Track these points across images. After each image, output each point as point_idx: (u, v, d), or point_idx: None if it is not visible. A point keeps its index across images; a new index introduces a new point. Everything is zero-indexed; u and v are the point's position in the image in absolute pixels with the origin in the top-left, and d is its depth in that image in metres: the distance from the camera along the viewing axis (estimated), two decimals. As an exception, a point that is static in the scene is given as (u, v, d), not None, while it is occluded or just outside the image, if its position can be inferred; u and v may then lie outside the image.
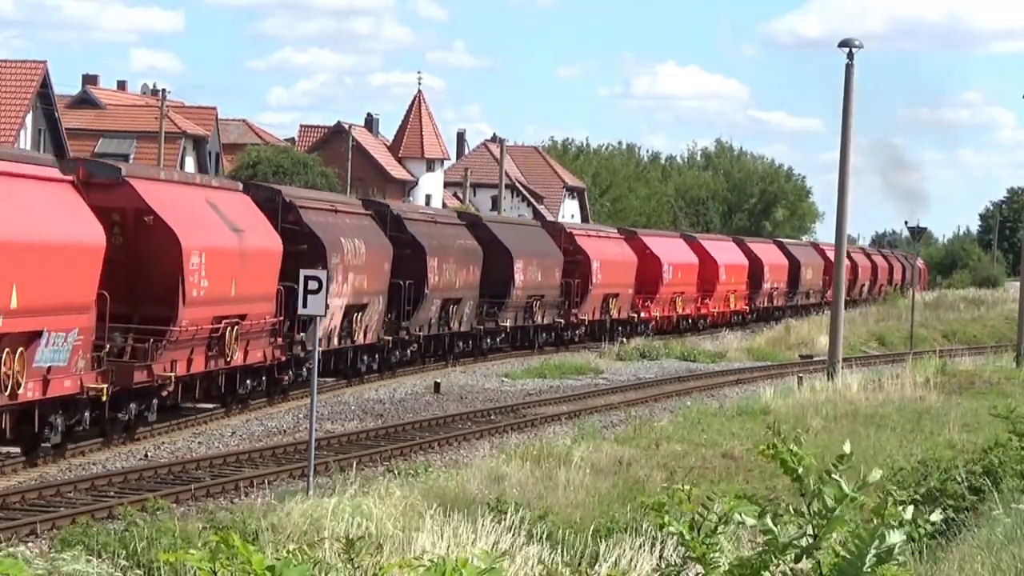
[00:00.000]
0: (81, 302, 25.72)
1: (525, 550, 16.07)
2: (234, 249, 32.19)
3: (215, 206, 32.65)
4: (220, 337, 31.85)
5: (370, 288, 41.34)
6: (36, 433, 25.62)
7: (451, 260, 47.92)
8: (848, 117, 44.26)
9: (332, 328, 38.44)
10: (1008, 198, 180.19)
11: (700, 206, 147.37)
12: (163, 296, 29.31)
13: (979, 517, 15.77)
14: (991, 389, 39.69)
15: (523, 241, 55.42)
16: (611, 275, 62.07)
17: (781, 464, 6.70)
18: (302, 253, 35.53)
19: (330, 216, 39.71)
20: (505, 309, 53.28)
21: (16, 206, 24.03)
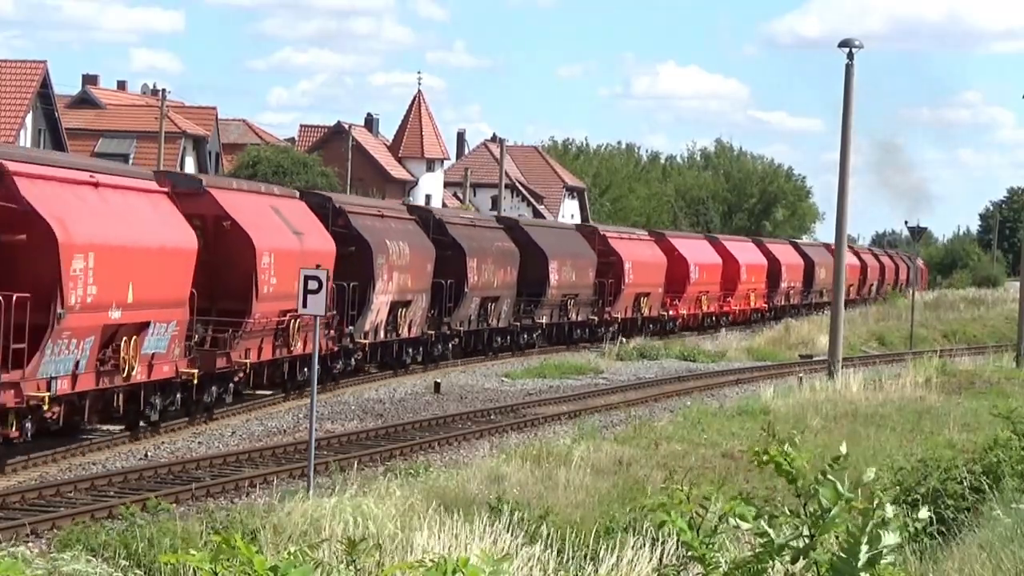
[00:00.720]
0: (179, 298, 29.87)
1: (525, 550, 16.07)
2: (296, 250, 35.69)
3: (278, 211, 36.55)
4: (285, 329, 35.58)
5: (414, 286, 44.71)
6: (140, 412, 29.77)
7: (489, 261, 51.14)
8: (848, 117, 44.27)
9: (379, 322, 42.38)
10: (1008, 198, 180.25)
11: (700, 206, 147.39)
12: (239, 292, 33.10)
13: (979, 517, 15.76)
14: (991, 389, 39.70)
15: (558, 243, 58.76)
16: (642, 275, 65.24)
17: (776, 467, 6.71)
18: (351, 254, 39.58)
19: (376, 220, 43.39)
20: (541, 307, 56.32)
21: (130, 215, 28.33)
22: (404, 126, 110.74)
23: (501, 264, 52.52)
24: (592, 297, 61.18)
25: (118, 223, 27.61)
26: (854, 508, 6.43)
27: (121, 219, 27.82)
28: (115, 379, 27.57)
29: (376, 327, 42.23)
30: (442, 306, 47.78)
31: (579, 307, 59.90)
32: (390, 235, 43.31)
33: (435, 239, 47.40)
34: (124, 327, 27.51)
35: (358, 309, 40.84)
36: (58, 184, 26.47)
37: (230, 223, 33.32)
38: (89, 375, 26.73)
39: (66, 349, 25.62)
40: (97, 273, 26.08)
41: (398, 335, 44.31)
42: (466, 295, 48.98)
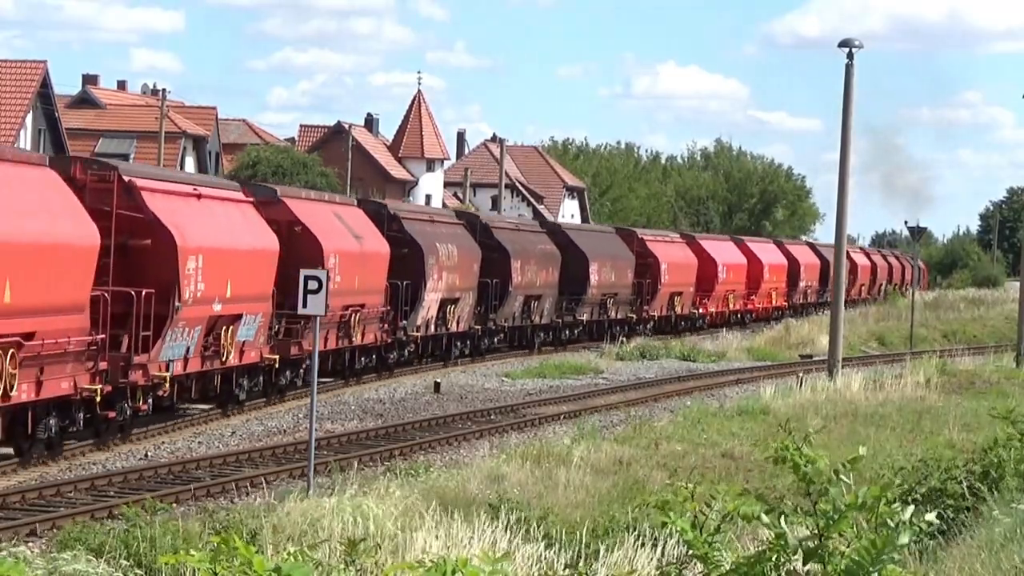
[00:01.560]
0: (265, 293, 34.38)
1: (524, 550, 16.07)
2: (357, 251, 40.16)
3: (340, 217, 40.53)
4: (347, 322, 39.57)
5: (461, 285, 48.90)
6: (231, 392, 34.45)
7: (532, 262, 55.42)
8: (848, 117, 44.26)
9: (429, 318, 46.55)
10: (1008, 198, 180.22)
11: (700, 206, 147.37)
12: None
13: (979, 517, 15.76)
14: (991, 389, 39.71)
15: (598, 245, 62.98)
16: (676, 275, 69.50)
17: (793, 467, 6.70)
18: (404, 255, 43.83)
19: (427, 225, 47.71)
20: (582, 305, 60.24)
21: (227, 222, 33.06)
22: (404, 126, 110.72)
23: (543, 265, 56.63)
24: (631, 296, 65.32)
25: (219, 229, 32.28)
26: (867, 507, 6.43)
27: (221, 225, 32.52)
28: (215, 363, 32.45)
29: (427, 322, 46.52)
30: (488, 303, 51.91)
31: (618, 305, 63.88)
32: (440, 238, 47.37)
33: (482, 242, 51.45)
34: (223, 318, 32.31)
35: (410, 305, 44.87)
36: (173, 196, 30.99)
37: (301, 228, 37.38)
38: (196, 359, 31.54)
39: (180, 336, 30.40)
40: (205, 272, 30.76)
41: (447, 329, 48.44)
42: (510, 294, 53.04)
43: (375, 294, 41.84)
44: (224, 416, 34.17)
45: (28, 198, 25.26)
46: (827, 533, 6.46)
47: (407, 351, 45.62)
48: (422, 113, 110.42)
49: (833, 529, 6.45)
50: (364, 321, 40.58)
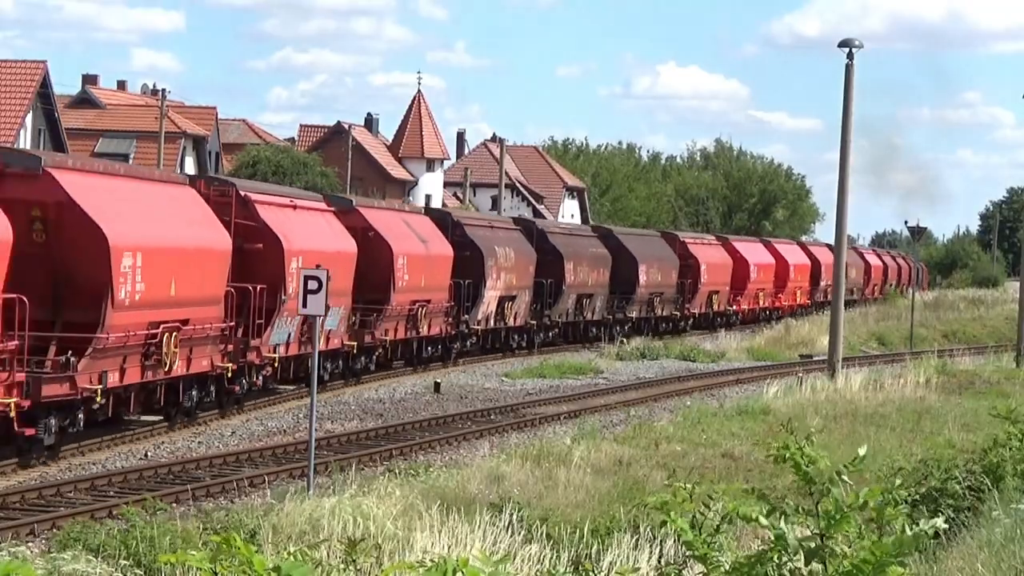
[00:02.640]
0: (347, 288, 39.20)
1: (524, 549, 16.07)
2: (423, 254, 45.44)
3: (409, 224, 46.02)
4: (414, 315, 44.87)
5: (518, 284, 54.33)
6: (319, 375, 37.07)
7: (584, 264, 60.62)
8: (848, 117, 44.24)
9: (489, 313, 52.03)
10: (1008, 198, 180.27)
11: (700, 206, 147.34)
12: (380, 285, 42.62)
13: (979, 517, 15.76)
14: (991, 389, 39.68)
15: (646, 248, 68.55)
16: (714, 275, 75.02)
17: (794, 466, 6.69)
18: (466, 258, 49.25)
19: (487, 230, 53.21)
20: (631, 303, 65.51)
21: (317, 229, 38.67)
22: (404, 126, 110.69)
23: (595, 266, 61.72)
24: (675, 295, 70.70)
25: (312, 235, 37.74)
26: (870, 508, 6.42)
27: (312, 232, 38.01)
28: (308, 348, 35.07)
29: (487, 316, 51.97)
30: (543, 301, 57.23)
31: (664, 304, 69.48)
32: (498, 242, 52.73)
33: (538, 246, 56.84)
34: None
35: (472, 301, 50.27)
36: (277, 208, 36.59)
37: (374, 233, 42.56)
38: (295, 344, 36.72)
39: (285, 325, 35.78)
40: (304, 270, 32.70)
41: (505, 323, 53.95)
42: (564, 292, 58.21)
43: (440, 291, 47.23)
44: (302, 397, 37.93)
45: (180, 212, 31.36)
46: (828, 533, 6.45)
47: (469, 342, 51.03)
48: (422, 113, 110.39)
49: (835, 530, 6.44)
50: (430, 315, 46.28)
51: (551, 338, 58.65)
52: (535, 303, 56.72)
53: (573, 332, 60.91)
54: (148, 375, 29.09)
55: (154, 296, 28.69)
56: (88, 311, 26.98)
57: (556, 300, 58.02)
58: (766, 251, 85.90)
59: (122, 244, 27.49)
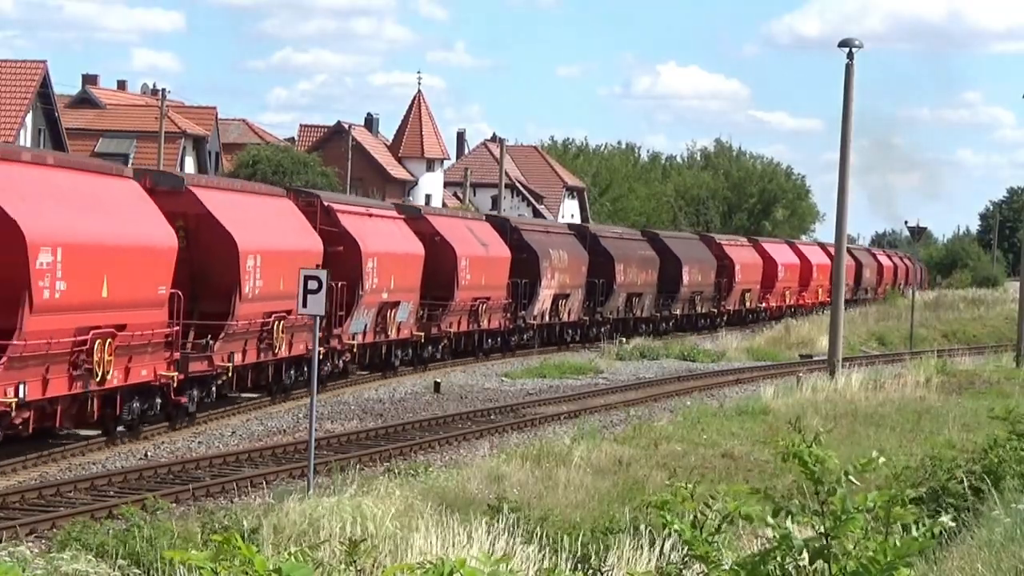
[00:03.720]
0: (415, 286, 45.19)
1: (524, 550, 16.06)
2: (483, 256, 50.97)
3: (471, 229, 51.79)
4: (475, 311, 50.63)
5: (571, 283, 59.61)
6: (390, 361, 45.26)
7: (633, 265, 66.16)
8: (848, 117, 44.23)
9: (544, 309, 57.51)
10: (1008, 198, 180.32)
11: (700, 206, 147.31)
12: (445, 284, 47.98)
13: (979, 517, 15.75)
14: (991, 389, 39.66)
15: (688, 250, 73.94)
16: (747, 275, 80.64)
17: (803, 466, 6.69)
18: (523, 259, 54.75)
19: (543, 235, 59.25)
20: (676, 301, 71.04)
21: (389, 233, 44.24)
22: (404, 126, 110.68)
23: (643, 267, 67.24)
24: (713, 293, 76.02)
25: (385, 239, 43.31)
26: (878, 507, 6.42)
27: (386, 236, 43.65)
28: (381, 336, 43.31)
29: (543, 312, 57.30)
30: (595, 299, 62.30)
31: (703, 301, 74.77)
32: (553, 245, 58.44)
33: (590, 249, 62.20)
34: (388, 304, 43.33)
35: (529, 299, 55.53)
36: (355, 216, 42.13)
37: (440, 238, 47.96)
38: (371, 333, 42.57)
39: (362, 316, 41.34)
40: (378, 270, 42.09)
41: (559, 320, 59.30)
42: (615, 291, 63.59)
43: (498, 289, 52.65)
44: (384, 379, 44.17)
45: (286, 220, 37.69)
46: (834, 534, 6.45)
47: (526, 336, 56.32)
48: (422, 113, 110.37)
49: (842, 530, 6.44)
50: (490, 310, 51.74)
51: (602, 333, 63.15)
52: (588, 301, 61.74)
53: (623, 328, 65.34)
54: (262, 356, 35.37)
55: (270, 290, 34.69)
56: (220, 302, 33.13)
57: (607, 298, 63.18)
58: (791, 252, 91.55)
59: (247, 248, 33.35)
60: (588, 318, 61.81)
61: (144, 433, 30.55)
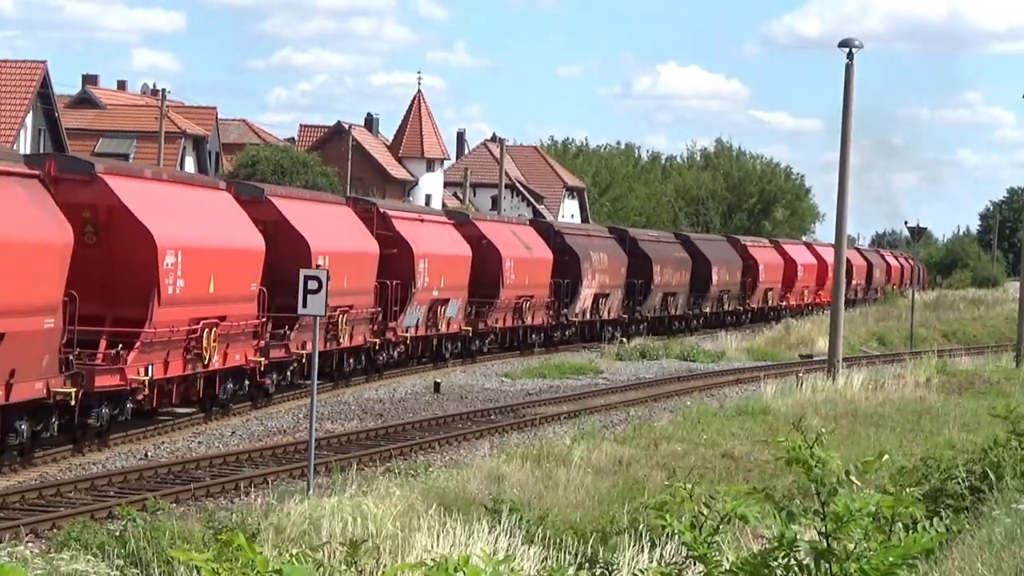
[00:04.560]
0: (463, 284, 49.62)
1: (524, 550, 16.07)
2: (527, 258, 55.76)
3: (515, 233, 56.70)
4: (519, 308, 54.97)
5: (611, 284, 64.07)
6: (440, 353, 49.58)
7: (669, 266, 70.61)
8: (848, 117, 44.21)
9: (585, 308, 61.48)
10: (1008, 198, 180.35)
11: (700, 206, 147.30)
12: (491, 283, 52.40)
13: (979, 517, 15.75)
14: (991, 389, 39.66)
15: (717, 252, 78.50)
16: (769, 274, 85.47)
17: (805, 469, 6.69)
18: (566, 261, 59.03)
19: (584, 238, 63.64)
20: (705, 300, 75.35)
21: (440, 237, 48.58)
22: (404, 126, 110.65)
23: (677, 268, 71.71)
24: (739, 292, 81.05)
25: (436, 242, 47.50)
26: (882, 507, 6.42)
27: (436, 240, 47.83)
28: (433, 331, 47.72)
29: (584, 311, 61.31)
30: (634, 298, 66.71)
31: (730, 300, 79.75)
32: (593, 248, 62.74)
33: (629, 251, 66.67)
34: (438, 301, 47.38)
35: (570, 298, 59.58)
36: (408, 221, 46.48)
37: (486, 241, 52.42)
38: (423, 328, 46.84)
39: (414, 311, 45.61)
40: (429, 270, 46.21)
41: (600, 317, 63.23)
42: (652, 291, 68.24)
43: (541, 288, 57.11)
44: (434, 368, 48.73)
45: (348, 226, 42.18)
46: (835, 535, 6.45)
47: (568, 332, 60.34)
48: (422, 113, 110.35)
49: (843, 531, 6.44)
50: (533, 308, 56.21)
51: (639, 330, 67.49)
52: (627, 300, 66.26)
53: (659, 325, 70.14)
54: (328, 345, 39.04)
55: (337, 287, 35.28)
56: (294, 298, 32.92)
57: (645, 297, 67.86)
58: (809, 253, 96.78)
59: (317, 250, 37.66)
60: (627, 316, 66.27)
61: (234, 410, 34.90)
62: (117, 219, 29.33)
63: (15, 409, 25.12)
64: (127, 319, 29.20)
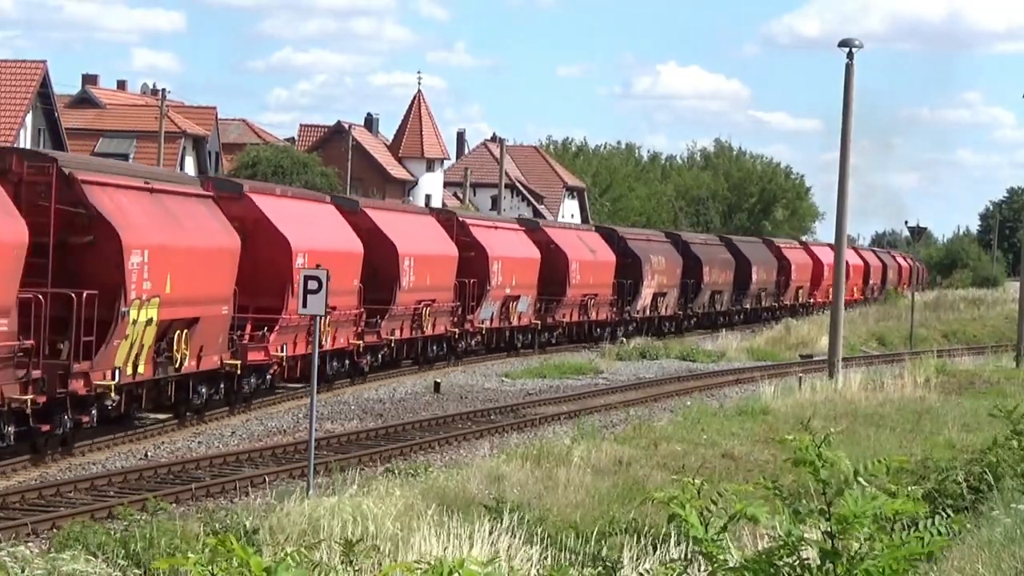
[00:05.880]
0: (532, 283, 56.39)
1: (524, 550, 16.05)
2: (592, 260, 62.42)
3: (581, 239, 63.82)
4: (584, 304, 61.63)
5: (667, 283, 71.35)
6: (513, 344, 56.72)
7: (716, 267, 77.74)
8: (848, 117, 44.19)
9: (646, 305, 68.54)
10: (1008, 198, 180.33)
11: (700, 206, 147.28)
12: (558, 283, 58.96)
13: (979, 517, 15.73)
14: (991, 389, 39.63)
15: (756, 253, 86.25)
16: (800, 274, 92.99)
17: (812, 471, 6.67)
18: (628, 263, 65.95)
19: (644, 242, 70.45)
20: (746, 297, 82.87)
21: (512, 243, 55.72)
22: (404, 126, 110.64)
23: (723, 269, 78.99)
24: (774, 290, 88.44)
25: (508, 246, 54.68)
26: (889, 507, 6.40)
27: (508, 244, 54.91)
28: (506, 323, 54.83)
29: (644, 308, 68.44)
30: (687, 297, 73.76)
31: (767, 297, 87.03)
32: (653, 251, 70.00)
33: (683, 253, 73.55)
34: (511, 297, 54.30)
35: (631, 296, 66.57)
36: (484, 228, 53.91)
37: (555, 246, 59.28)
38: (497, 321, 53.55)
39: (489, 306, 52.46)
40: (502, 270, 52.99)
41: (658, 313, 70.74)
42: (702, 289, 75.37)
43: (605, 287, 63.51)
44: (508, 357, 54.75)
45: (432, 233, 48.74)
46: (840, 536, 6.44)
47: (630, 327, 66.65)
48: (422, 113, 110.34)
49: (848, 532, 6.43)
50: (597, 305, 62.66)
51: (690, 325, 74.67)
52: (681, 298, 73.23)
53: (707, 320, 77.40)
54: (415, 333, 46.32)
55: (420, 284, 45.71)
56: (385, 292, 43.41)
57: (696, 295, 74.77)
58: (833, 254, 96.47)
59: (405, 252, 44.31)
60: (681, 312, 73.68)
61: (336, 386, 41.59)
62: (261, 228, 35.64)
63: (201, 376, 32.17)
64: (267, 307, 35.27)
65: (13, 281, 24.91)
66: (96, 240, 27.46)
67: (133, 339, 28.28)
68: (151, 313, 28.76)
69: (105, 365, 27.46)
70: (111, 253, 27.43)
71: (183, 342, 30.44)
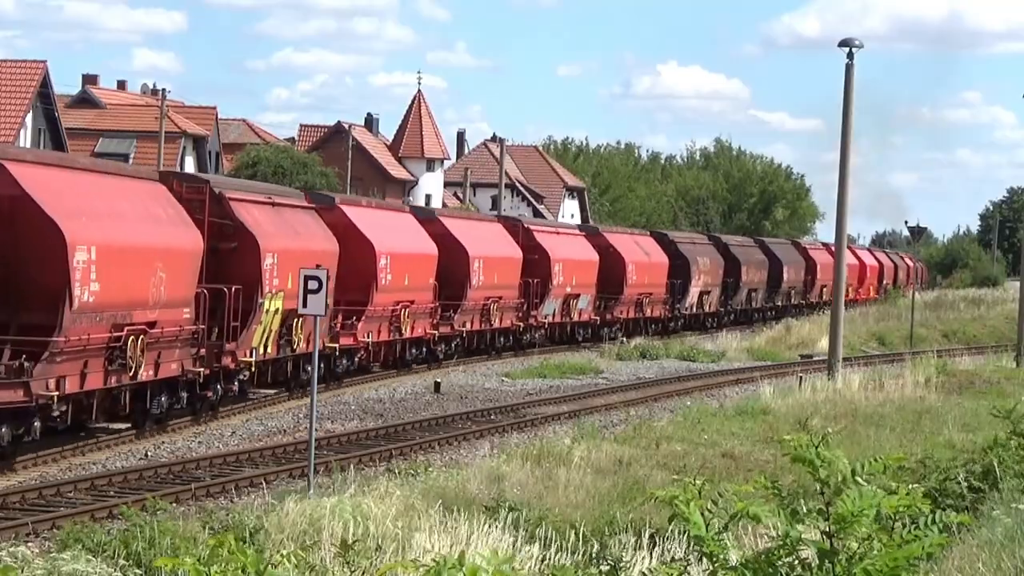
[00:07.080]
0: (591, 283, 60.98)
1: (525, 549, 16.06)
2: (646, 262, 68.20)
3: (637, 243, 69.50)
4: (640, 302, 67.39)
5: (711, 283, 77.28)
6: (574, 336, 61.80)
7: (753, 267, 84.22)
8: (848, 117, 44.19)
9: (693, 302, 74.72)
10: (1008, 198, 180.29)
11: (700, 206, 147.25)
12: (617, 283, 64.57)
13: (979, 517, 15.74)
14: (991, 389, 39.61)
15: (787, 254, 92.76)
16: (825, 273, 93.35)
17: (811, 469, 6.67)
18: (678, 264, 71.75)
19: (691, 245, 76.46)
20: (778, 295, 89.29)
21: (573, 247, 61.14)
22: (404, 126, 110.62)
23: (759, 269, 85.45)
24: (802, 288, 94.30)
25: (569, 249, 61.05)
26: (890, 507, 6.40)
27: (569, 247, 61.44)
28: (568, 319, 60.21)
29: (691, 305, 74.70)
30: (727, 295, 80.00)
31: (795, 295, 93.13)
32: (699, 253, 76.05)
33: (723, 254, 79.69)
34: (571, 295, 59.72)
35: (680, 294, 72.29)
36: (548, 233, 60.03)
37: (612, 249, 64.94)
38: (559, 316, 59.37)
39: (551, 303, 57.98)
40: (563, 271, 58.57)
41: (703, 310, 76.84)
42: (740, 288, 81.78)
43: (658, 287, 69.68)
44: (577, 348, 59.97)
45: (496, 238, 54.26)
46: (838, 536, 6.44)
47: (680, 323, 73.20)
48: (422, 113, 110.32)
49: (847, 532, 6.43)
50: (651, 303, 68.82)
51: (728, 321, 79.79)
52: (722, 296, 79.23)
53: (744, 316, 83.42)
54: (484, 325, 52.03)
55: (488, 282, 51.44)
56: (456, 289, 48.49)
57: (735, 294, 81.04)
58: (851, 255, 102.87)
59: (474, 255, 50.45)
60: (723, 309, 79.70)
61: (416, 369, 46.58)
62: (351, 234, 40.91)
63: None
64: (356, 300, 40.65)
65: (194, 278, 31.31)
66: (239, 246, 33.66)
67: (266, 325, 34.47)
68: (278, 304, 34.80)
69: (246, 345, 33.65)
70: (251, 256, 33.65)
71: (298, 328, 36.30)
